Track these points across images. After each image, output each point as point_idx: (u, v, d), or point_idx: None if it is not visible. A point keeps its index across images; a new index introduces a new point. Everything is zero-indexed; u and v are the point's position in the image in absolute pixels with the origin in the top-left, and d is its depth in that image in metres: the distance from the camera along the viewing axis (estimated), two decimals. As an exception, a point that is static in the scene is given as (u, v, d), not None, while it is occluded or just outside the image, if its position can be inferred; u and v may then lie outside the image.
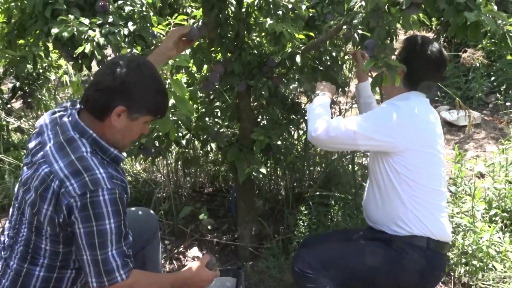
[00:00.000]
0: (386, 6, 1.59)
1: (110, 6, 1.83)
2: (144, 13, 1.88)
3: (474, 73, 4.70)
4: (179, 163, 3.17)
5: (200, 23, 1.98)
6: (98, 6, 1.81)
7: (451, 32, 1.52)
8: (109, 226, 1.29)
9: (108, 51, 1.99)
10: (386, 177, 1.67)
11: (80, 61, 1.88)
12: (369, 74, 2.22)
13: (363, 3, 1.46)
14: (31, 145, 1.41)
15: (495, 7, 1.58)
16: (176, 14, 2.45)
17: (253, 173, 2.08)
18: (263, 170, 2.11)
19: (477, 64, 4.56)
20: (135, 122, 1.39)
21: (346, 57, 2.84)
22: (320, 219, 2.57)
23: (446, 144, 3.88)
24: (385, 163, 1.66)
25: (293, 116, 2.52)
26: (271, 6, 1.90)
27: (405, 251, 1.63)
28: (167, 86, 1.55)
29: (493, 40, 1.49)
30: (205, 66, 2.16)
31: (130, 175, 3.28)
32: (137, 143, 2.18)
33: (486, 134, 3.87)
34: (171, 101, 1.61)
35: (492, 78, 4.73)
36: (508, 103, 3.61)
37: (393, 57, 1.66)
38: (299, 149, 3.04)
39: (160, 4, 2.44)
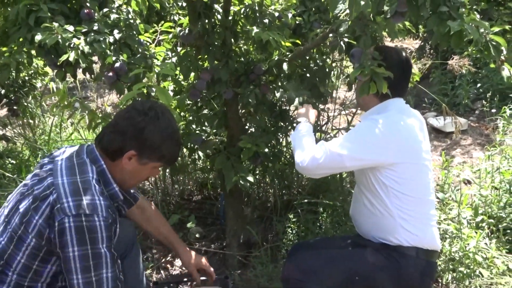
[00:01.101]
0: (371, 15, 1.60)
1: (96, 14, 1.81)
2: (131, 21, 1.86)
3: (460, 80, 4.76)
4: (167, 170, 3.15)
5: (186, 31, 1.97)
6: (83, 13, 1.79)
7: (435, 40, 1.53)
8: (104, 251, 1.31)
9: (95, 58, 1.97)
10: (374, 190, 1.66)
11: (64, 69, 1.85)
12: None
13: (348, 11, 1.47)
14: (45, 160, 1.48)
15: (478, 16, 1.61)
16: (162, 22, 2.45)
17: (241, 181, 2.07)
18: (250, 178, 2.09)
19: (464, 71, 4.63)
20: (144, 167, 1.46)
21: (334, 64, 2.86)
22: (308, 226, 2.57)
23: (433, 150, 3.91)
24: (372, 177, 1.65)
25: (281, 123, 2.53)
26: (258, 14, 1.90)
27: (395, 259, 1.62)
28: (153, 94, 1.54)
29: (478, 47, 1.50)
30: (192, 74, 2.15)
31: (117, 183, 3.25)
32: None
33: (472, 140, 3.91)
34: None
35: (478, 85, 4.79)
36: (494, 110, 3.65)
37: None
38: (288, 156, 3.03)
39: (147, 12, 2.43)
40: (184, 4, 2.72)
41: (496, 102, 4.06)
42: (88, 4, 1.83)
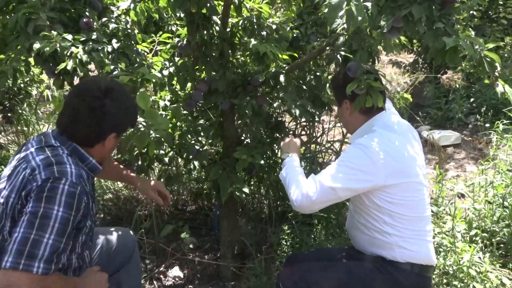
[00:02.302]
0: (367, 30, 1.63)
1: (94, 23, 1.82)
2: (129, 30, 1.87)
3: (454, 94, 4.82)
4: (162, 180, 3.14)
5: (184, 41, 1.99)
6: (82, 23, 1.80)
7: (431, 56, 1.55)
8: (56, 213, 1.28)
9: (91, 66, 1.97)
10: (368, 210, 1.64)
11: (62, 78, 1.85)
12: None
13: (345, 25, 1.49)
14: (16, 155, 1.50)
15: (473, 33, 1.63)
16: (161, 32, 2.47)
17: (236, 192, 2.07)
18: (245, 189, 2.10)
19: (457, 86, 4.68)
20: (118, 139, 1.56)
21: (329, 77, 2.88)
22: (303, 238, 2.56)
23: (427, 164, 3.93)
24: (365, 199, 1.63)
25: (277, 135, 2.54)
26: (256, 26, 1.92)
27: (390, 273, 1.62)
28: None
29: (472, 63, 1.53)
30: (189, 84, 2.16)
31: (112, 192, 3.23)
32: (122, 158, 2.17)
33: (466, 154, 3.94)
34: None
35: (472, 100, 4.85)
36: (487, 124, 3.69)
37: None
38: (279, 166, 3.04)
39: (145, 22, 2.45)
40: (182, 15, 2.75)
41: (489, 117, 4.10)
42: (87, 14, 1.83)
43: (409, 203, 1.62)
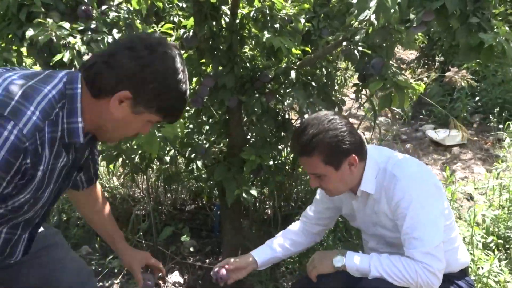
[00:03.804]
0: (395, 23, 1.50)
1: (94, 11, 1.67)
2: (131, 20, 1.72)
3: (458, 93, 4.71)
4: (160, 180, 3.01)
5: (191, 33, 1.84)
6: (80, 11, 1.65)
7: (462, 54, 1.43)
8: None
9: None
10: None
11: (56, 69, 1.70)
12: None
13: (372, 18, 1.36)
14: None
15: (507, 28, 1.51)
16: (163, 23, 2.31)
17: (243, 194, 1.94)
18: (253, 192, 1.97)
19: (462, 84, 4.56)
20: (136, 117, 1.11)
21: (338, 73, 2.76)
22: (309, 242, 2.44)
23: (433, 164, 3.83)
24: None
25: (284, 133, 2.41)
26: (268, 18, 1.78)
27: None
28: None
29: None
30: (194, 79, 2.02)
31: (107, 191, 3.08)
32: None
33: (473, 155, 3.84)
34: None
35: (477, 98, 4.74)
36: (493, 124, 3.59)
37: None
38: (287, 167, 2.91)
39: (146, 12, 2.30)
40: (185, 5, 2.59)
41: (495, 116, 4.00)
42: (86, 1, 1.68)
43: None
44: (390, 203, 1.43)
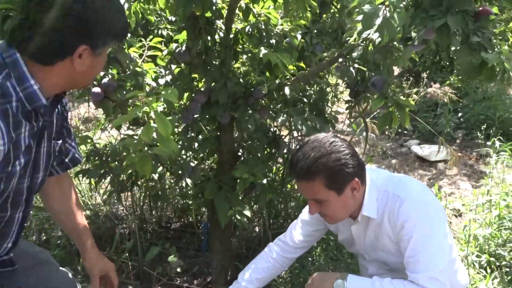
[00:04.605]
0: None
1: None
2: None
3: (442, 108, 4.77)
4: (143, 195, 2.91)
5: (183, 48, 1.79)
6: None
7: (464, 73, 1.41)
8: None
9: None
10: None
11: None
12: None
13: (374, 36, 1.33)
14: None
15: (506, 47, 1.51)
16: (151, 36, 2.25)
17: (237, 215, 1.87)
18: (247, 212, 1.90)
19: (445, 100, 4.63)
20: (99, 57, 1.09)
21: (328, 89, 2.73)
22: (302, 261, 2.38)
23: (419, 179, 3.83)
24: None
25: (274, 150, 2.36)
26: (264, 34, 1.74)
27: None
28: (151, 121, 1.33)
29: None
30: (185, 94, 1.96)
31: (89, 208, 2.96)
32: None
33: (458, 170, 3.87)
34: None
35: (459, 114, 4.81)
36: (480, 141, 3.63)
37: None
38: (276, 184, 2.86)
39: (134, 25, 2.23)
40: (173, 19, 2.54)
41: (478, 132, 4.05)
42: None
43: None
44: (394, 224, 1.38)
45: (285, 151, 2.61)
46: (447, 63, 5.26)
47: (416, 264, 1.33)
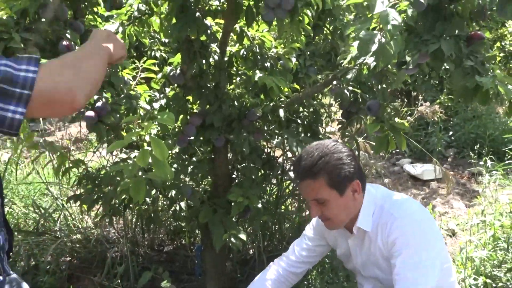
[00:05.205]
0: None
1: (76, 47, 1.59)
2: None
3: (433, 127, 4.81)
4: (135, 217, 2.86)
5: (177, 70, 1.78)
6: (61, 46, 1.56)
7: (458, 96, 1.42)
8: None
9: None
10: None
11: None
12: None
13: (369, 60, 1.33)
14: None
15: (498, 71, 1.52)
16: (145, 58, 2.25)
17: (232, 239, 1.84)
18: (242, 236, 1.87)
19: (435, 119, 4.67)
20: None
21: (322, 110, 2.74)
22: (297, 285, 2.33)
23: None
24: None
25: (269, 172, 2.35)
26: (258, 57, 1.74)
27: None
28: (145, 144, 1.31)
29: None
30: (180, 117, 1.94)
31: (80, 232, 2.90)
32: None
33: (451, 189, 3.87)
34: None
35: (450, 133, 4.86)
36: (473, 160, 3.65)
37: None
38: (270, 206, 2.83)
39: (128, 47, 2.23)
40: (167, 40, 2.54)
41: (469, 151, 4.09)
42: (67, 36, 1.60)
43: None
44: (386, 241, 1.37)
45: (279, 172, 2.61)
46: (437, 82, 5.33)
47: (403, 281, 1.31)
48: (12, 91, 0.79)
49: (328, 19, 2.22)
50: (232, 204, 1.95)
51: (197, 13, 1.52)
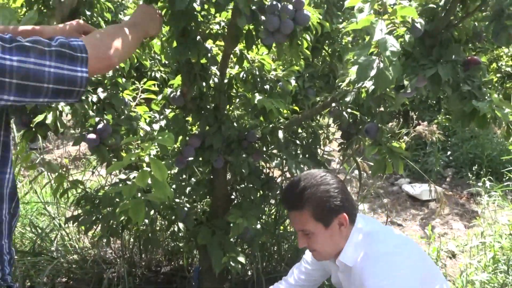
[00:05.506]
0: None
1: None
2: (117, 78, 1.66)
3: (431, 147, 4.83)
4: (133, 238, 2.84)
5: (178, 92, 1.79)
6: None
7: (456, 120, 1.44)
8: None
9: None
10: None
11: (33, 129, 1.60)
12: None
13: (368, 84, 1.35)
14: None
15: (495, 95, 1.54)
16: (145, 79, 2.27)
17: (231, 262, 1.82)
18: (241, 259, 1.86)
19: (434, 139, 4.69)
20: None
21: (320, 131, 2.75)
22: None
23: (411, 219, 3.82)
24: None
25: (267, 191, 2.34)
26: (258, 79, 1.76)
27: None
28: (144, 164, 1.31)
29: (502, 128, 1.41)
30: (179, 138, 1.95)
31: (76, 252, 2.88)
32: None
33: (450, 210, 3.87)
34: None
35: (448, 153, 4.87)
36: (471, 182, 3.66)
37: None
38: (269, 226, 2.82)
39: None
40: (167, 62, 2.57)
41: (468, 171, 4.10)
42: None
43: None
44: (360, 280, 1.31)
45: (277, 192, 2.60)
46: (434, 102, 5.37)
47: None
48: (76, 56, 0.94)
49: (327, 41, 2.26)
50: (231, 225, 1.95)
51: (198, 37, 1.54)
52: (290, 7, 1.43)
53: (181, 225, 2.16)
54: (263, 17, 1.44)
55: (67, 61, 0.92)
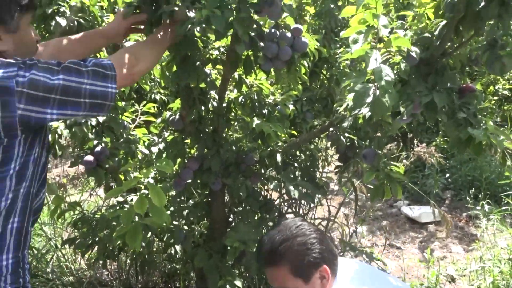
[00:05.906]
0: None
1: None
2: (117, 102, 1.68)
3: (429, 169, 4.83)
4: (129, 260, 2.81)
5: (177, 116, 1.81)
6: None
7: (452, 146, 1.45)
8: None
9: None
10: None
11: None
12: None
13: (365, 111, 1.37)
14: None
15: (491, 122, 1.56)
16: (144, 102, 2.29)
17: (227, 286, 1.81)
18: (238, 282, 1.84)
19: (432, 161, 4.69)
20: (19, 32, 1.08)
21: (319, 154, 2.76)
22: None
23: (410, 242, 3.80)
24: None
25: (265, 214, 2.33)
26: (256, 104, 1.78)
27: None
28: (142, 188, 1.32)
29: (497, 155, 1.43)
30: (178, 160, 1.96)
31: (72, 274, 2.85)
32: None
33: (449, 233, 3.84)
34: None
35: (447, 175, 4.87)
36: (470, 205, 3.65)
37: None
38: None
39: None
40: (163, 84, 2.59)
41: (466, 194, 4.09)
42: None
43: None
44: None
45: (276, 214, 2.59)
46: (433, 125, 5.40)
47: None
48: (107, 74, 1.07)
49: (325, 66, 2.29)
50: (228, 248, 1.93)
51: (198, 62, 1.56)
52: (289, 34, 1.46)
53: (178, 247, 2.15)
54: (261, 43, 1.46)
55: (100, 79, 1.05)
